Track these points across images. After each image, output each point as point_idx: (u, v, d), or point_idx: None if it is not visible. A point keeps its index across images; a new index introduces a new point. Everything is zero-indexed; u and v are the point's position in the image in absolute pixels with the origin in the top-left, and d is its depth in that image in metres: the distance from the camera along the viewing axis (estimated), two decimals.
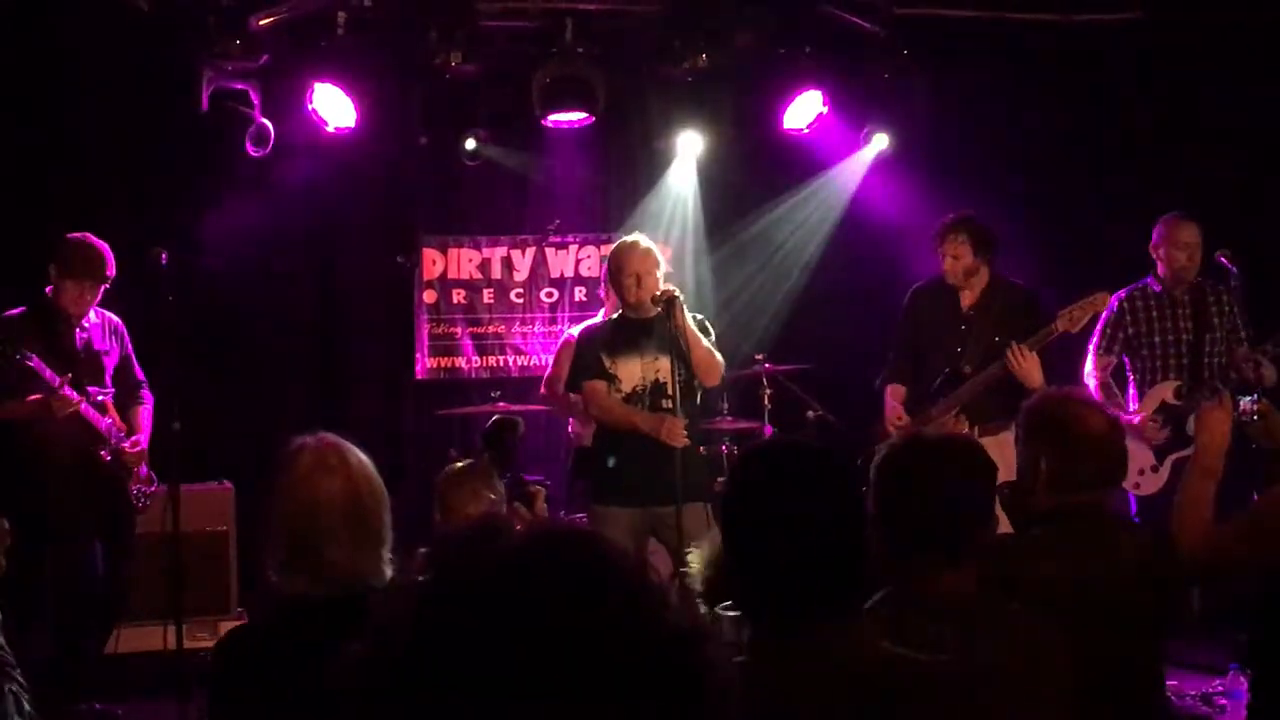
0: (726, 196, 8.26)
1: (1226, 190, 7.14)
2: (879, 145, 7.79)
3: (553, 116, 7.21)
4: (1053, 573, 2.92)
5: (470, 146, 7.51)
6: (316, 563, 2.51)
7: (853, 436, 6.18)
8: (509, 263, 8.25)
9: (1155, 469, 6.01)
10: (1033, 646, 2.42)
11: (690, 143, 7.89)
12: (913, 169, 7.81)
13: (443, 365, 8.16)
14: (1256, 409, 4.04)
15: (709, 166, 8.08)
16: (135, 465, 5.86)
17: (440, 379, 8.14)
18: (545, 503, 6.43)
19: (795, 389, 7.04)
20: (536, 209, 8.25)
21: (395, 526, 2.62)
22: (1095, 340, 6.21)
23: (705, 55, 7.15)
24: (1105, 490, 3.25)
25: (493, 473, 4.46)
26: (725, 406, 6.93)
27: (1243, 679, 4.71)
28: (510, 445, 6.68)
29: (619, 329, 5.61)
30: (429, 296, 8.14)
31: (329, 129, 7.13)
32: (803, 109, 7.56)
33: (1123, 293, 6.21)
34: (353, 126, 7.16)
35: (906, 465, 2.57)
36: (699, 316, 5.62)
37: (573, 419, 6.70)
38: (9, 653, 3.03)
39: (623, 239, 5.72)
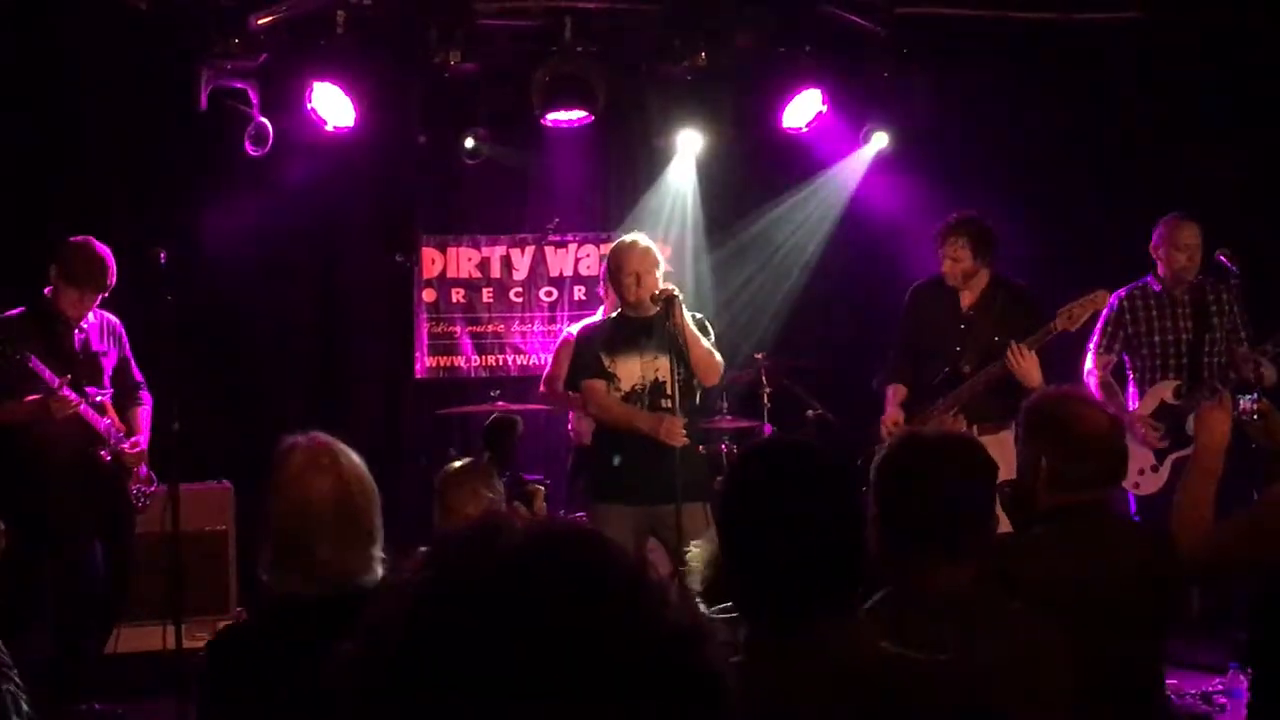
0: (726, 195, 8.26)
1: (1226, 189, 7.13)
2: (879, 144, 7.79)
3: (552, 115, 7.21)
4: (1053, 571, 2.91)
5: (469, 145, 7.50)
6: (307, 562, 2.52)
7: (852, 435, 6.18)
8: (508, 262, 8.25)
9: (1155, 468, 6.01)
10: (1032, 645, 2.42)
11: (690, 141, 7.88)
12: (912, 168, 7.81)
13: (442, 364, 8.16)
14: (1256, 408, 4.04)
15: (708, 165, 8.08)
16: (135, 465, 5.84)
17: (439, 378, 8.14)
18: (544, 502, 6.44)
19: (795, 388, 7.04)
20: (536, 208, 8.25)
21: (394, 526, 2.62)
22: (1095, 339, 6.21)
23: (705, 54, 7.15)
24: (1106, 489, 3.25)
25: (492, 472, 4.46)
26: (724, 405, 6.92)
27: (1242, 678, 4.71)
28: (509, 444, 6.68)
29: (618, 328, 5.60)
30: (428, 295, 8.13)
31: (328, 128, 7.12)
32: (802, 108, 7.56)
33: (1122, 291, 6.21)
34: (352, 125, 7.16)
35: (906, 464, 2.56)
36: (698, 315, 5.61)
37: (572, 418, 6.70)
38: (6, 653, 3.02)
39: (622, 238, 5.71)
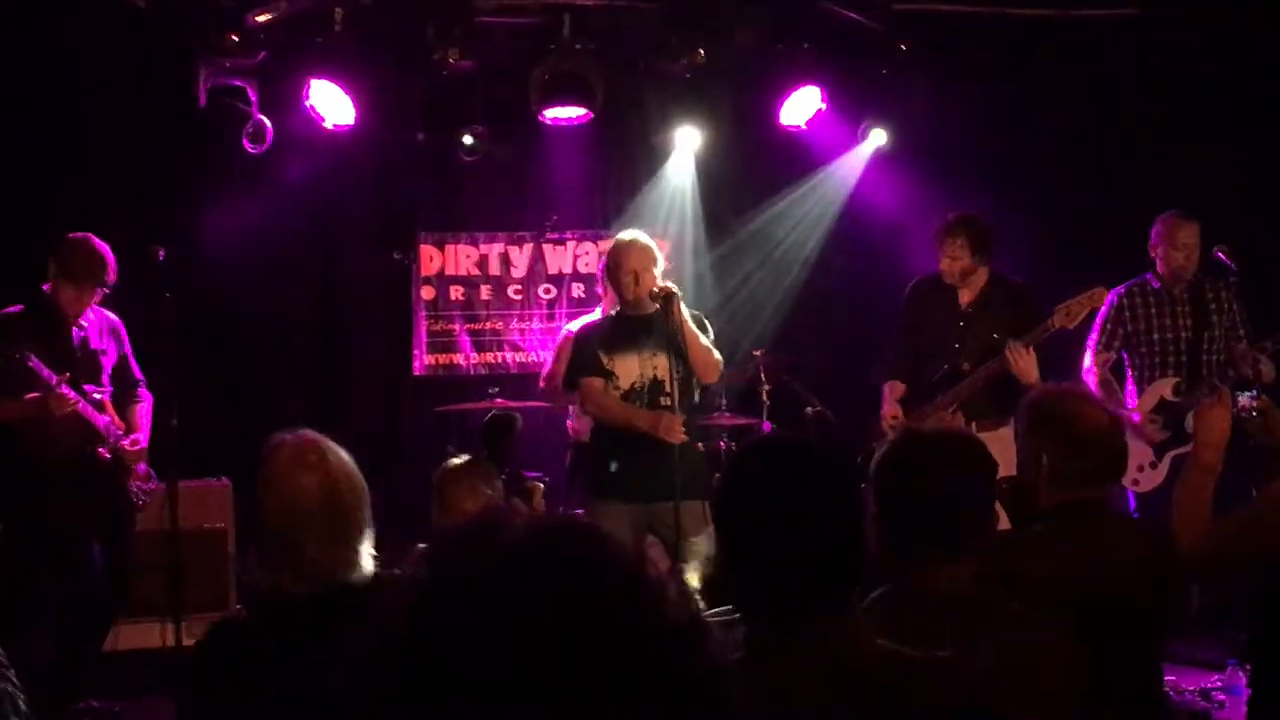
0: (725, 193, 8.26)
1: (1225, 186, 7.13)
2: (877, 141, 7.79)
3: (551, 113, 7.20)
4: (1053, 569, 2.91)
5: (468, 143, 7.50)
6: (295, 559, 2.54)
7: (851, 432, 6.18)
8: (507, 259, 8.24)
9: (1154, 465, 6.00)
10: (1032, 643, 2.42)
11: (688, 139, 7.88)
12: (911, 165, 7.81)
13: (440, 362, 8.16)
14: (1256, 405, 4.04)
15: (707, 163, 8.08)
16: (135, 463, 5.83)
17: (438, 375, 8.14)
18: (543, 499, 6.44)
19: (794, 385, 7.03)
20: (534, 205, 8.25)
21: (393, 523, 2.63)
22: (1094, 336, 6.20)
23: (703, 51, 7.14)
24: (1106, 486, 3.25)
25: (491, 469, 4.46)
26: (723, 403, 6.92)
27: (1241, 675, 4.71)
28: (508, 442, 6.68)
29: (617, 326, 5.60)
30: (427, 293, 8.13)
31: (327, 126, 7.12)
32: (800, 105, 7.56)
33: (1121, 288, 6.20)
34: (351, 123, 7.15)
35: (906, 460, 2.56)
36: (696, 313, 5.61)
37: (571, 415, 6.70)
38: (2, 654, 3.02)
39: (620, 235, 5.70)
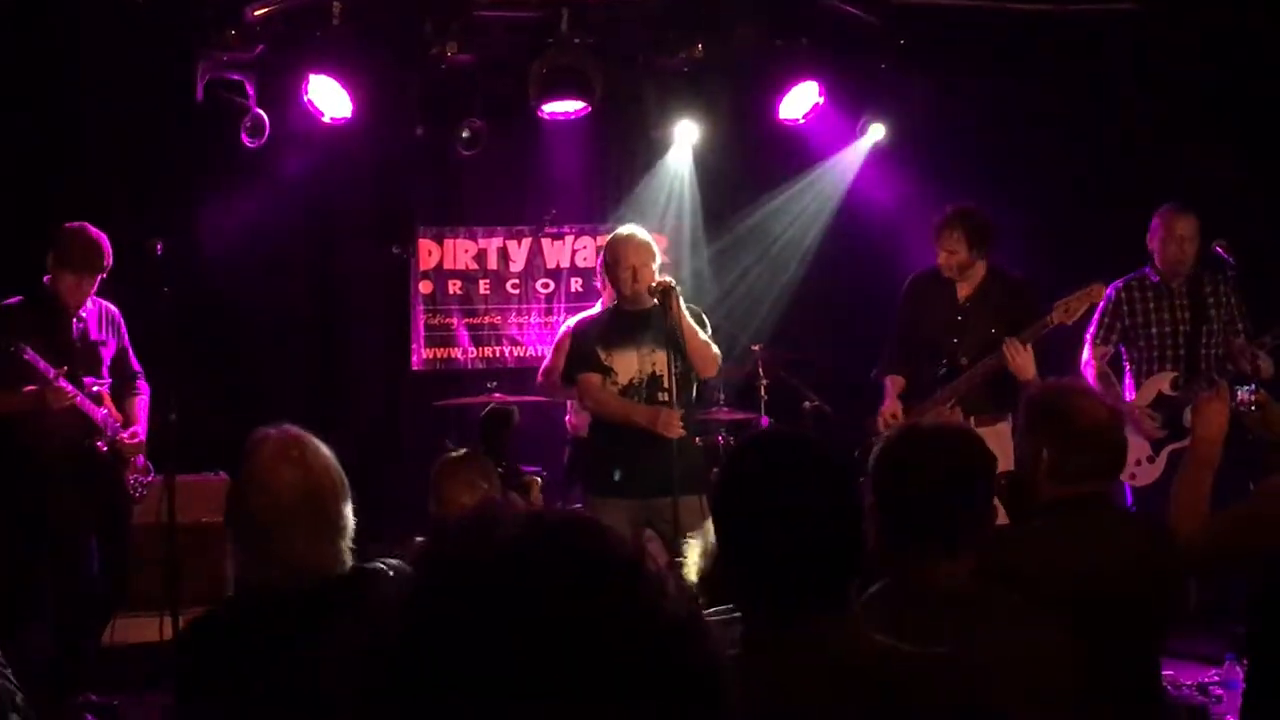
0: (723, 187, 8.25)
1: (1223, 181, 7.13)
2: (875, 136, 7.79)
3: (549, 107, 7.18)
4: (1053, 564, 2.91)
5: (466, 137, 7.49)
6: (275, 553, 2.56)
7: (849, 427, 6.18)
8: (505, 253, 8.24)
9: (1151, 460, 5.99)
10: (1031, 638, 2.42)
11: (687, 133, 7.88)
12: (909, 159, 7.81)
13: (439, 356, 8.16)
14: (1254, 400, 4.03)
15: (705, 157, 8.07)
16: (133, 456, 5.83)
17: (436, 369, 8.14)
18: (540, 493, 6.44)
19: (792, 380, 7.03)
20: (533, 200, 8.25)
21: (391, 517, 2.63)
22: (1093, 330, 6.20)
23: (702, 46, 7.14)
24: (1106, 481, 3.24)
25: (488, 463, 4.46)
26: (721, 397, 6.92)
27: (1239, 669, 4.72)
28: (505, 435, 6.68)
29: (615, 321, 5.59)
30: (425, 287, 8.13)
31: (325, 120, 7.11)
32: (798, 100, 7.55)
33: (1120, 282, 6.19)
34: (349, 117, 7.14)
35: (904, 455, 2.56)
36: (694, 308, 5.60)
37: (570, 410, 6.70)
38: None
39: (618, 230, 5.69)
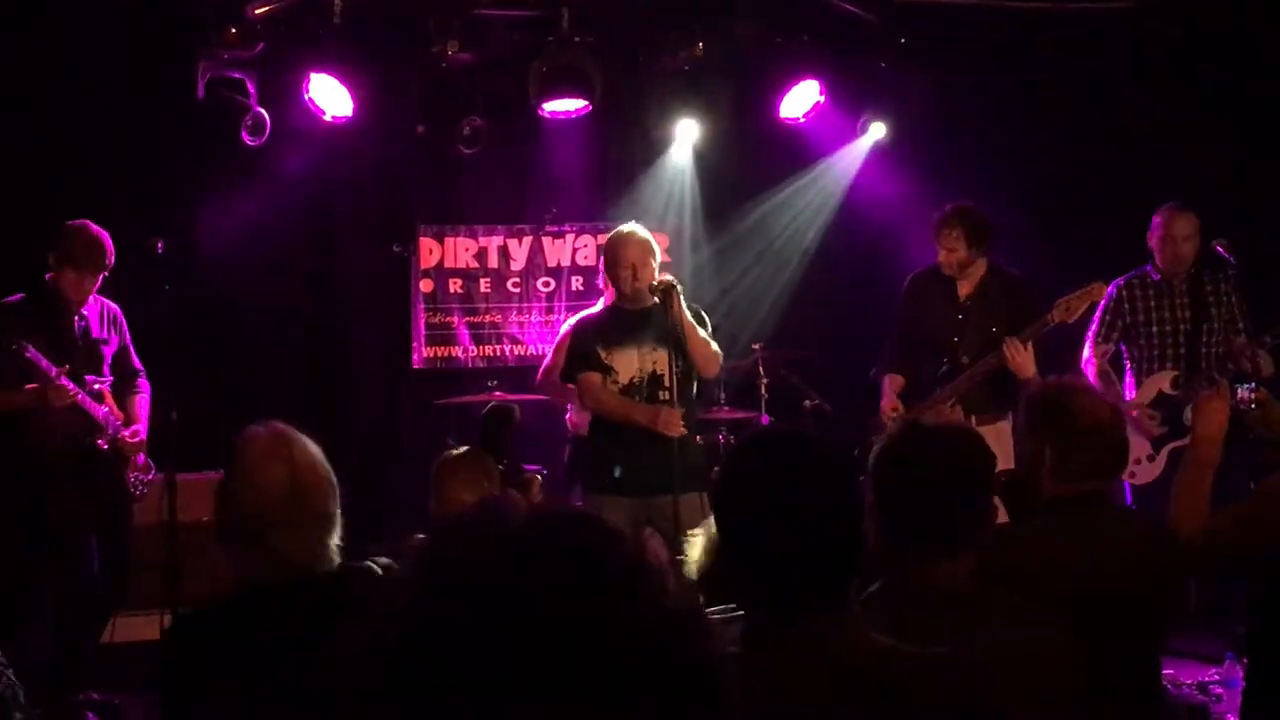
0: (723, 186, 8.25)
1: (1224, 180, 7.13)
2: (875, 134, 7.78)
3: (550, 105, 7.17)
4: (1054, 562, 2.91)
5: (467, 135, 7.48)
6: (263, 549, 2.58)
7: (849, 425, 6.18)
8: (505, 252, 8.24)
9: (1151, 458, 5.99)
10: (1031, 637, 2.42)
11: (687, 131, 7.87)
12: (909, 158, 7.80)
13: (439, 354, 8.15)
14: (1254, 398, 4.04)
15: (706, 155, 8.07)
16: (134, 454, 5.83)
17: (437, 368, 8.13)
18: (540, 491, 6.43)
19: (792, 378, 7.03)
20: (533, 198, 8.24)
21: (392, 515, 2.64)
22: (1093, 328, 6.19)
23: (702, 44, 7.13)
24: (1107, 479, 3.25)
25: (489, 460, 4.46)
26: (722, 396, 6.92)
27: (1239, 668, 4.71)
28: (506, 433, 6.67)
29: (615, 320, 5.59)
30: (426, 286, 8.12)
31: (326, 118, 7.10)
32: (799, 98, 7.54)
33: (1120, 280, 6.19)
34: (350, 116, 7.13)
35: (905, 453, 2.56)
36: (694, 306, 5.59)
37: (570, 408, 6.69)
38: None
39: (618, 229, 5.68)
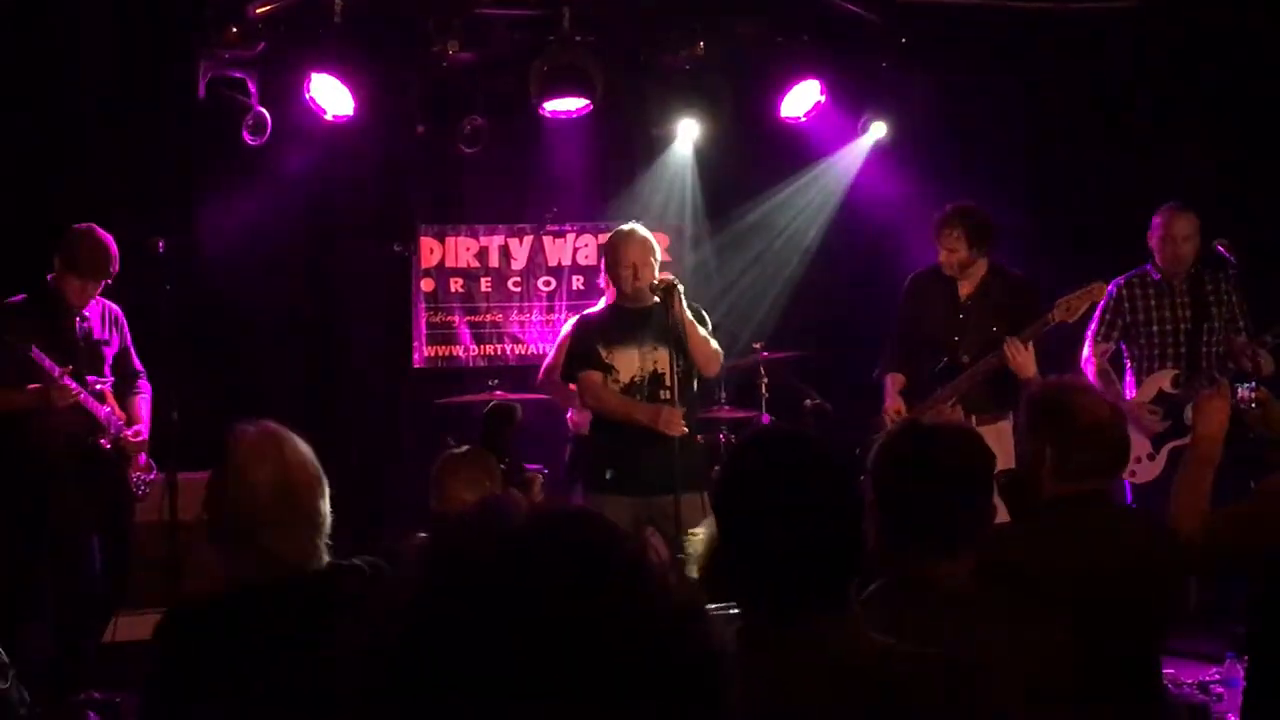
0: (724, 185, 8.24)
1: (1225, 179, 7.13)
2: (876, 134, 7.78)
3: (551, 104, 7.17)
4: (1054, 562, 2.91)
5: (468, 135, 7.47)
6: (254, 548, 2.59)
7: (849, 425, 6.18)
8: (506, 251, 8.23)
9: (1151, 457, 5.99)
10: (1031, 638, 2.42)
11: (688, 131, 7.87)
12: (910, 157, 7.80)
13: (440, 354, 8.15)
14: (1255, 397, 4.04)
15: (707, 155, 8.06)
16: (136, 454, 5.83)
17: (438, 367, 8.13)
18: (542, 490, 6.43)
19: (793, 377, 7.03)
20: (534, 197, 8.23)
21: (392, 514, 2.64)
22: (1093, 327, 6.19)
23: (703, 44, 7.13)
24: (1109, 478, 3.25)
25: (490, 459, 4.46)
26: (723, 396, 6.91)
27: (1239, 668, 4.71)
28: (507, 432, 6.67)
29: (616, 319, 5.59)
30: (426, 285, 8.12)
31: (327, 118, 7.09)
32: (800, 98, 7.53)
33: (1121, 279, 6.19)
34: (350, 115, 7.12)
35: (904, 452, 2.56)
36: (694, 305, 5.59)
37: (572, 408, 6.69)
38: (3, 654, 3.05)
39: (619, 228, 5.69)
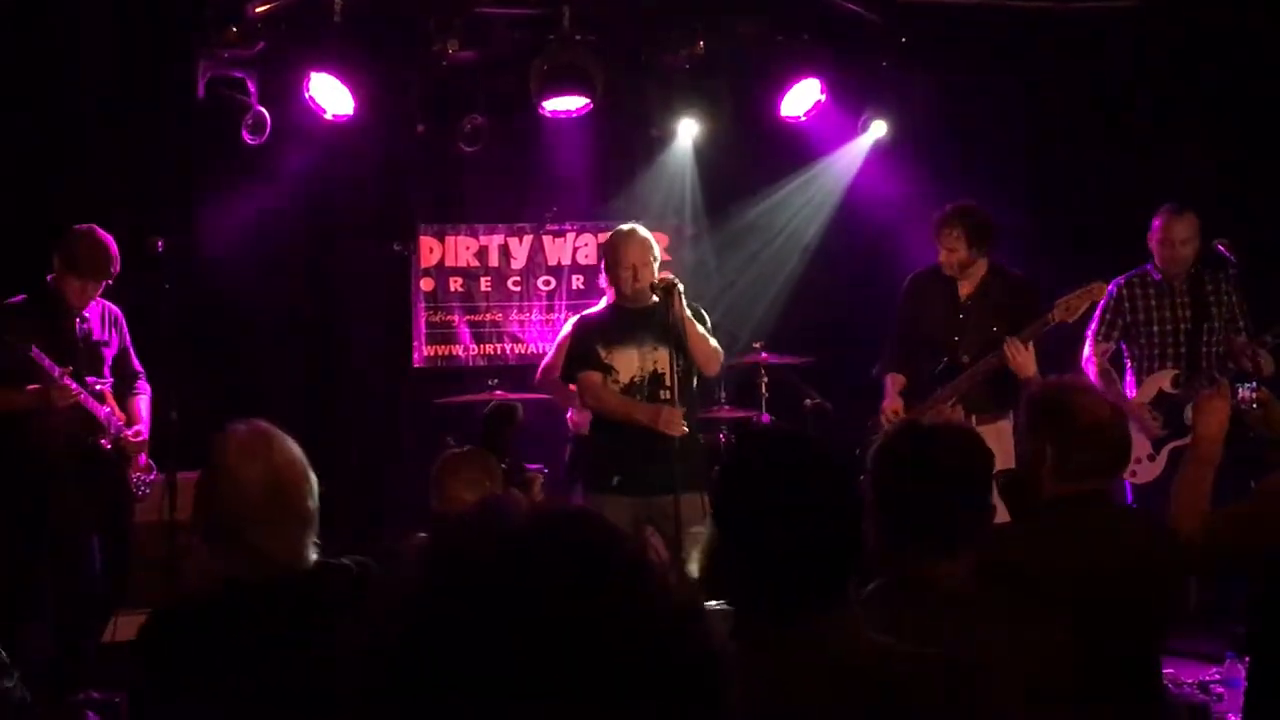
0: (724, 184, 8.24)
1: (1225, 179, 7.13)
2: (876, 133, 7.77)
3: (551, 103, 7.16)
4: (1055, 562, 2.91)
5: (468, 134, 7.47)
6: (243, 546, 2.60)
7: (849, 425, 6.17)
8: (506, 251, 8.23)
9: (1152, 458, 5.99)
10: (1031, 638, 2.42)
11: (688, 130, 7.86)
12: (910, 157, 7.79)
13: (440, 353, 8.15)
14: (1255, 397, 4.04)
15: (707, 154, 8.06)
16: (136, 454, 5.83)
17: (438, 367, 8.13)
18: (542, 489, 6.43)
19: (793, 377, 7.03)
20: (534, 197, 8.23)
21: (393, 514, 2.65)
22: (1094, 327, 6.19)
23: (703, 43, 7.13)
24: (1109, 478, 3.25)
25: (490, 459, 4.46)
26: (723, 395, 6.90)
27: (1239, 668, 4.71)
28: (508, 432, 6.67)
29: (616, 319, 5.58)
30: (426, 284, 8.12)
31: (327, 117, 7.09)
32: (800, 97, 7.52)
33: (1121, 279, 6.19)
34: (350, 114, 7.12)
35: (903, 452, 2.56)
36: (694, 304, 5.59)
37: (572, 408, 6.69)
38: (4, 655, 3.05)
39: (618, 228, 5.68)
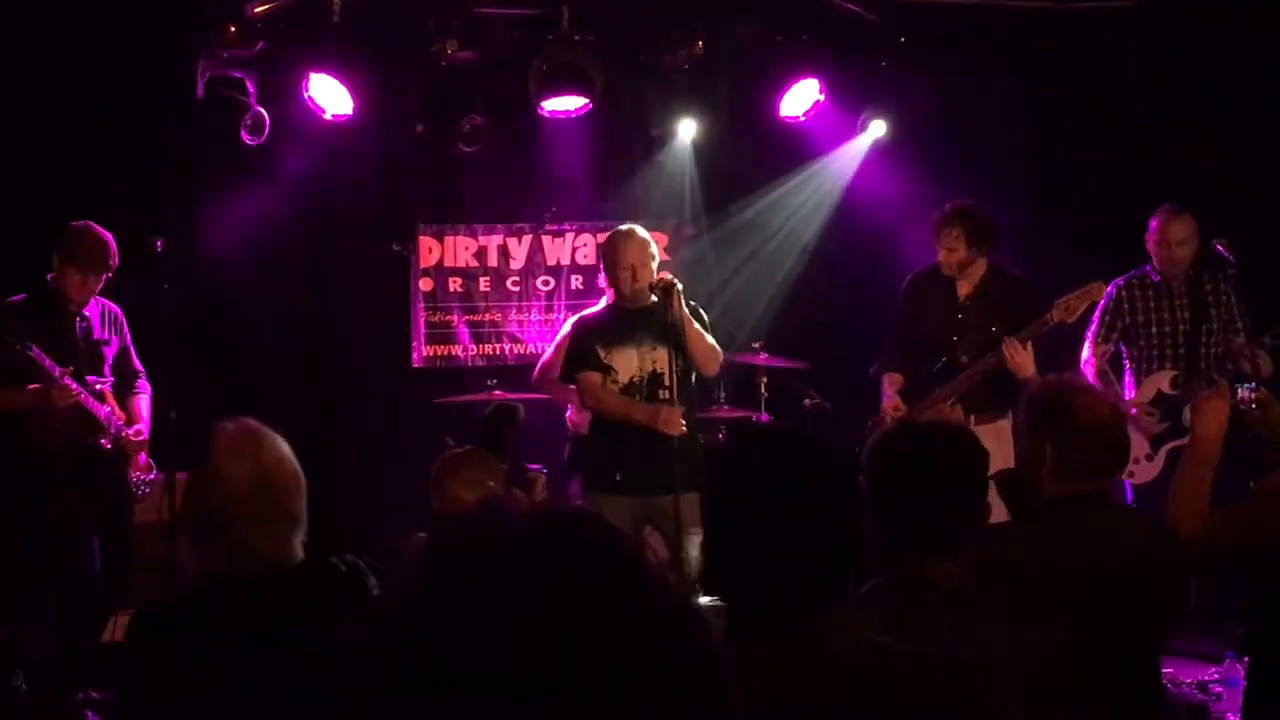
0: (723, 184, 8.24)
1: (1225, 179, 7.13)
2: (875, 133, 7.77)
3: (550, 104, 7.16)
4: (1054, 562, 2.91)
5: (467, 134, 7.47)
6: (227, 543, 2.61)
7: (849, 425, 6.18)
8: (505, 251, 8.23)
9: (1150, 458, 5.99)
10: (1031, 638, 2.42)
11: (687, 130, 7.86)
12: (909, 157, 7.79)
13: (439, 353, 8.15)
14: (1254, 398, 4.04)
15: (706, 154, 8.06)
16: (136, 454, 5.84)
17: (437, 367, 8.13)
18: (544, 490, 6.43)
19: (792, 377, 7.04)
20: (533, 197, 8.23)
21: (392, 514, 2.65)
22: (1093, 328, 6.19)
23: (702, 43, 7.13)
24: (1108, 478, 3.25)
25: (491, 459, 4.46)
26: (722, 395, 6.91)
27: (1239, 667, 4.72)
28: (509, 433, 6.67)
29: (615, 319, 5.58)
30: (425, 284, 8.12)
31: (326, 117, 7.09)
32: (799, 97, 7.53)
33: (1120, 280, 6.19)
34: (349, 115, 7.12)
35: (901, 451, 2.56)
36: (692, 303, 5.59)
37: (570, 408, 6.69)
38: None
39: (617, 229, 5.69)
